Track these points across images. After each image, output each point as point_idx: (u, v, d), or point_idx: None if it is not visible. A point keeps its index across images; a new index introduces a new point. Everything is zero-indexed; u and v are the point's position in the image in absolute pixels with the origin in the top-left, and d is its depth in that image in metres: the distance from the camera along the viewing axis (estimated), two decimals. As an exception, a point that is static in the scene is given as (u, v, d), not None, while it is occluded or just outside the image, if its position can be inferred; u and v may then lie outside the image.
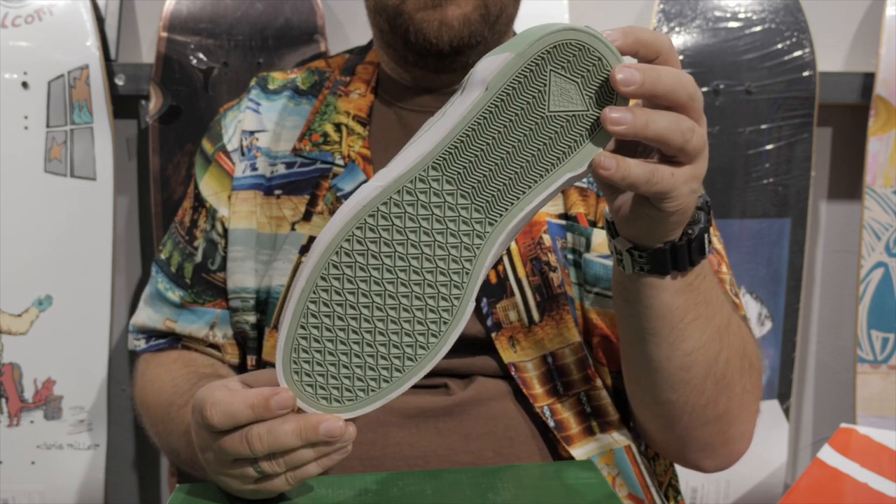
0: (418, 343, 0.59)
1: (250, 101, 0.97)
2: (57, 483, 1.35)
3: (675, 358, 0.71)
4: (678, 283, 0.67)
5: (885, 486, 0.81)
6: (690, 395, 0.73)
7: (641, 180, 0.57)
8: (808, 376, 1.58)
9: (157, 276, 0.97)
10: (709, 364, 0.72)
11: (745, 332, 0.77)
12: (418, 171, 0.57)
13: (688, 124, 0.57)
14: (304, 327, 0.58)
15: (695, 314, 0.69)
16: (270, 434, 0.59)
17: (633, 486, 0.82)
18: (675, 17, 1.37)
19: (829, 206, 1.54)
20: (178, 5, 1.35)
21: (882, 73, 1.37)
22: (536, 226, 0.84)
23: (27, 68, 1.32)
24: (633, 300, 0.69)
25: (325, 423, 0.59)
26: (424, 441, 0.80)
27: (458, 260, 0.58)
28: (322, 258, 0.58)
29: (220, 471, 0.64)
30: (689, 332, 0.69)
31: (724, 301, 0.74)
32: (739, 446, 0.80)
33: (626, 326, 0.72)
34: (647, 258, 0.65)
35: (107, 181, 1.35)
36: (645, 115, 0.55)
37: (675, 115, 0.57)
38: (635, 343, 0.72)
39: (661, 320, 0.69)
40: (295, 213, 0.89)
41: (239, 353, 0.95)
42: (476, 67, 0.58)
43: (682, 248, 0.65)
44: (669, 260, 0.65)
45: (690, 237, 0.65)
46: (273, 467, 0.60)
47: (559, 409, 0.82)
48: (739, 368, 0.75)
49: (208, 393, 0.62)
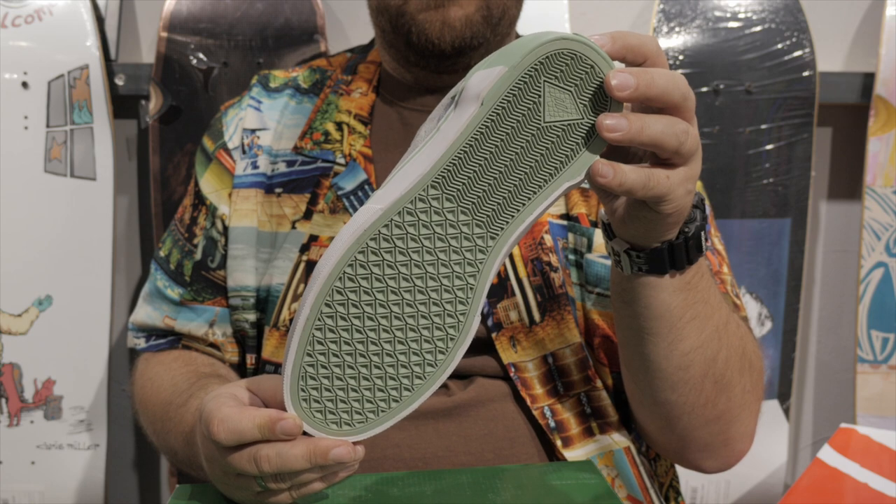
0: (426, 361, 0.59)
1: (252, 99, 0.97)
2: (57, 483, 1.35)
3: (673, 358, 0.71)
4: (676, 282, 0.67)
5: (885, 486, 0.81)
6: (689, 395, 0.73)
7: (638, 186, 0.57)
8: (808, 376, 1.58)
9: (157, 273, 0.97)
10: (707, 364, 0.72)
11: (744, 332, 0.77)
12: (418, 192, 0.56)
13: (682, 127, 0.57)
14: (310, 354, 0.58)
15: (693, 313, 0.69)
16: (280, 457, 0.59)
17: (632, 487, 0.82)
18: (675, 17, 1.37)
19: (829, 206, 1.54)
20: (178, 5, 1.35)
21: (882, 73, 1.37)
22: (538, 226, 0.84)
23: (27, 68, 1.32)
24: (632, 300, 0.69)
25: (336, 450, 0.59)
26: (424, 443, 0.80)
27: (462, 276, 0.58)
28: (326, 285, 0.57)
29: (224, 480, 0.64)
30: (687, 332, 0.70)
31: (722, 301, 0.74)
32: (740, 447, 0.80)
33: (624, 327, 0.72)
34: (645, 258, 0.65)
35: (107, 181, 1.35)
36: (640, 120, 0.55)
37: (668, 119, 0.57)
38: (634, 344, 0.72)
39: (660, 320, 0.69)
40: (296, 212, 0.89)
41: (238, 352, 0.94)
42: (469, 81, 0.57)
43: (680, 247, 0.65)
44: (667, 259, 0.65)
45: (687, 235, 0.65)
46: (278, 484, 0.60)
47: (559, 410, 0.82)
48: (739, 368, 0.75)
49: (215, 407, 0.61)
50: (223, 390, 0.64)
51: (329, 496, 0.67)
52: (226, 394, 0.63)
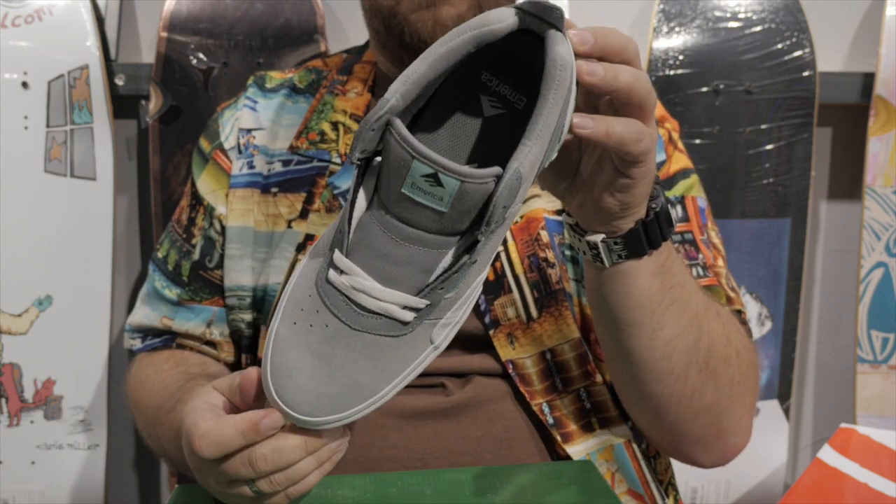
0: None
1: (247, 100, 0.97)
2: (57, 483, 1.35)
3: (655, 348, 0.71)
4: (652, 265, 0.68)
5: (885, 486, 0.81)
6: (675, 386, 0.73)
7: (628, 134, 0.58)
8: (808, 376, 1.58)
9: (154, 274, 0.97)
10: (689, 351, 0.72)
11: (727, 320, 0.78)
12: None
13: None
14: None
15: (671, 298, 0.70)
16: (277, 452, 0.58)
17: (632, 481, 0.82)
18: (675, 17, 1.37)
19: (829, 206, 1.54)
20: (178, 5, 1.35)
21: (882, 73, 1.37)
22: (534, 222, 0.84)
23: (27, 68, 1.32)
24: (611, 293, 0.70)
25: (328, 432, 0.59)
26: (422, 443, 0.80)
27: None
28: None
29: (216, 490, 0.63)
30: (667, 319, 0.70)
31: (699, 289, 0.75)
32: (735, 440, 0.80)
33: (605, 324, 0.73)
34: (622, 243, 0.66)
35: (107, 181, 1.35)
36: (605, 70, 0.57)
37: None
38: (616, 339, 0.73)
39: (640, 309, 0.69)
40: (291, 211, 0.89)
41: (235, 352, 0.95)
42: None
43: (653, 223, 0.66)
44: (643, 237, 0.66)
45: (656, 210, 0.66)
46: (272, 486, 0.60)
47: (558, 406, 0.82)
48: (724, 357, 0.75)
49: (193, 423, 0.61)
50: (198, 402, 0.63)
51: (328, 495, 0.67)
52: (201, 405, 0.62)
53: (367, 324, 0.55)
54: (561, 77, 0.53)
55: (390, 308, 0.55)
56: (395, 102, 0.52)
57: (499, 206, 0.51)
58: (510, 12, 0.54)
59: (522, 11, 0.53)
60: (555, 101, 0.53)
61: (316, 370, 0.56)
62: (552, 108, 0.53)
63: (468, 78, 0.58)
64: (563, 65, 0.53)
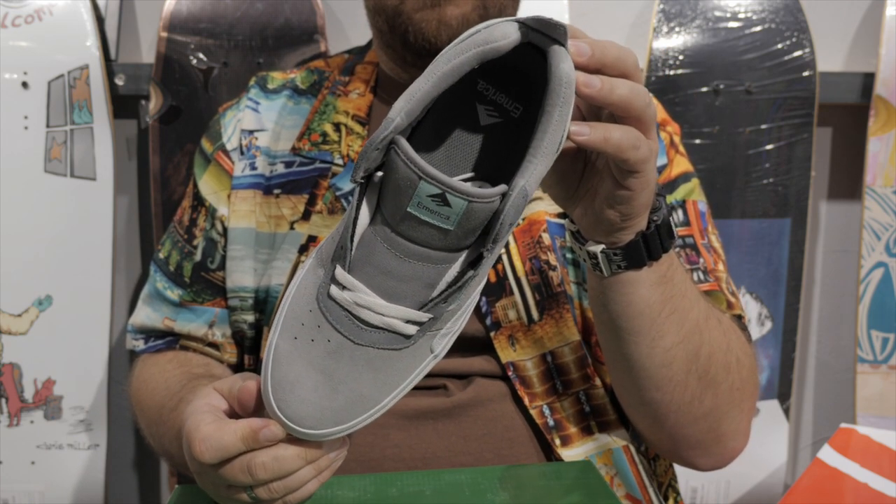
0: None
1: (249, 101, 0.97)
2: (57, 483, 1.35)
3: (655, 356, 0.71)
4: (654, 276, 0.68)
5: (885, 486, 0.81)
6: (675, 393, 0.73)
7: (625, 140, 0.58)
8: (808, 376, 1.58)
9: (156, 275, 0.97)
10: (690, 360, 0.72)
11: (728, 327, 0.78)
12: None
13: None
14: None
15: (672, 307, 0.70)
16: (276, 461, 0.58)
17: (630, 486, 0.82)
18: (675, 17, 1.37)
19: (829, 206, 1.54)
20: (178, 5, 1.35)
21: (882, 73, 1.37)
22: (536, 225, 0.84)
23: (27, 68, 1.32)
24: (611, 301, 0.69)
25: (328, 442, 0.59)
26: (424, 443, 0.80)
27: None
28: None
29: (215, 493, 0.63)
30: (667, 328, 0.70)
31: (700, 296, 0.74)
32: (733, 444, 0.80)
33: (606, 331, 0.73)
34: (622, 254, 0.66)
35: (107, 181, 1.35)
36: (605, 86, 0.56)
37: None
38: (616, 346, 0.73)
39: (640, 318, 0.69)
40: (294, 213, 0.89)
41: (237, 353, 0.94)
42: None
43: (653, 235, 0.66)
44: (643, 249, 0.66)
45: (657, 223, 0.66)
46: (270, 493, 0.60)
47: (558, 408, 0.82)
48: (724, 364, 0.75)
49: (193, 426, 0.61)
50: (200, 403, 0.63)
51: (328, 496, 0.67)
52: (202, 408, 0.62)
53: (370, 338, 0.56)
54: (566, 94, 0.53)
55: (394, 323, 0.55)
56: (399, 122, 0.52)
57: (505, 223, 0.51)
58: (514, 28, 0.53)
59: (526, 27, 0.53)
60: (560, 119, 0.53)
61: (318, 384, 0.56)
62: (557, 125, 0.53)
63: (465, 87, 0.57)
64: (568, 82, 0.53)
